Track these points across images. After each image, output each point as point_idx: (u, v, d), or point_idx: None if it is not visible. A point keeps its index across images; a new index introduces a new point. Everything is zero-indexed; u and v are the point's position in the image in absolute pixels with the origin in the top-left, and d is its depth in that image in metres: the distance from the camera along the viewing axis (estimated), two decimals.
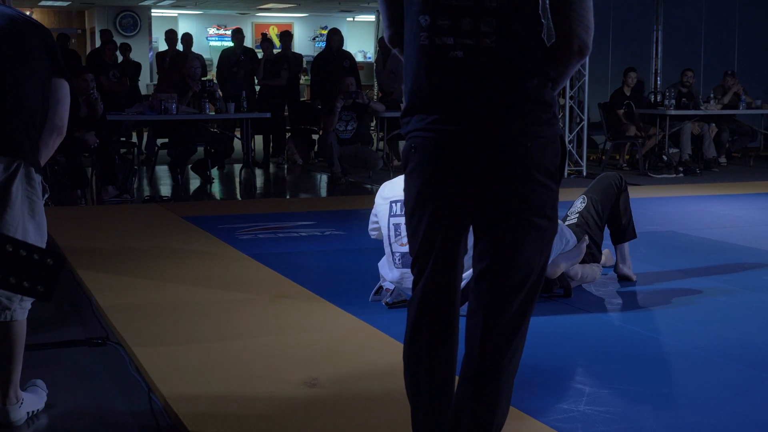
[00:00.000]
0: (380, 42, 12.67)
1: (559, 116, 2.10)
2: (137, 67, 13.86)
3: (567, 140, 10.57)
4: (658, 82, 13.76)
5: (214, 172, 10.52)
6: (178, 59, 11.68)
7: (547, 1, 2.15)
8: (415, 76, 2.20)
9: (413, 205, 2.26)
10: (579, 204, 4.83)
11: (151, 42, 18.61)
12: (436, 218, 2.23)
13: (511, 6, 2.10)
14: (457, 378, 2.34)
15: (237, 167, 11.00)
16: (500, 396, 2.26)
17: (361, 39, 21.39)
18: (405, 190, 2.30)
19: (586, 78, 10.51)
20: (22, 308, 2.91)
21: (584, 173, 10.46)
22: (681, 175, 10.68)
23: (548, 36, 2.19)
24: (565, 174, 9.41)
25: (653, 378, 3.48)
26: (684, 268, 5.35)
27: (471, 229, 2.29)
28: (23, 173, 2.80)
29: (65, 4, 18.17)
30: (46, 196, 2.90)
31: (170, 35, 13.04)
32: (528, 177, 2.15)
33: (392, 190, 4.33)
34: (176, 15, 20.46)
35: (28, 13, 12.97)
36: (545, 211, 2.19)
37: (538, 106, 2.15)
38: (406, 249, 3.97)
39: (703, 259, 5.58)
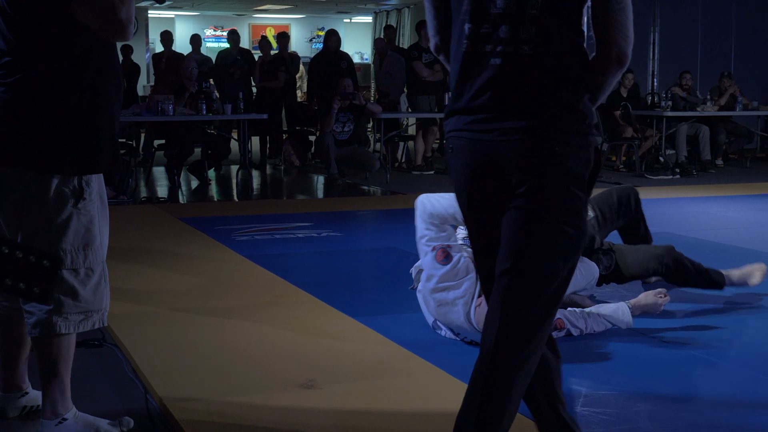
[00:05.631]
0: (376, 43, 12.68)
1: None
2: (136, 68, 13.88)
3: None
4: (655, 84, 13.78)
5: (211, 173, 10.53)
6: (175, 60, 11.69)
7: (589, 11, 2.17)
8: (457, 80, 2.26)
9: (457, 199, 2.37)
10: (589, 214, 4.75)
11: (147, 43, 18.60)
12: (471, 213, 2.33)
13: (551, 14, 2.12)
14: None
15: (234, 168, 11.00)
16: (510, 397, 2.25)
17: (358, 40, 21.41)
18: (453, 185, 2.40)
19: None
20: (66, 321, 2.75)
21: None
22: (677, 176, 10.70)
23: (591, 47, 2.22)
24: None
25: (650, 379, 3.48)
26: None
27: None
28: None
29: None
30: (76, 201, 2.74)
31: (166, 36, 13.04)
32: (556, 184, 2.17)
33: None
34: (173, 16, 20.47)
35: None
36: (572, 219, 2.21)
37: (571, 115, 2.17)
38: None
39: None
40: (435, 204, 3.89)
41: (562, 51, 2.15)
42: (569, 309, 3.97)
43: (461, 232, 4.27)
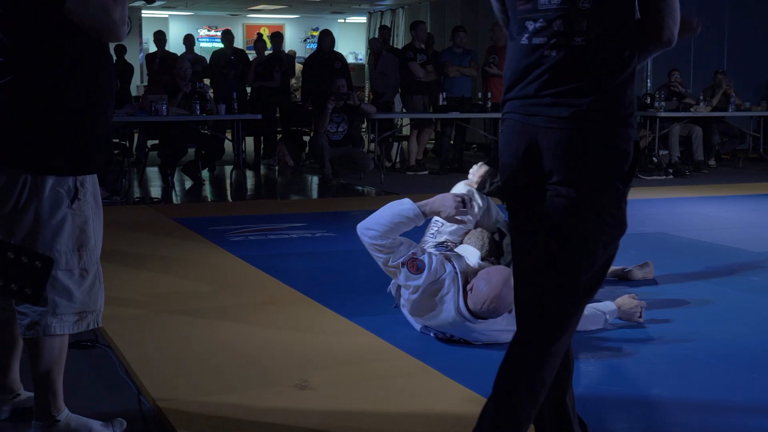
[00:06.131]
0: (371, 43, 12.68)
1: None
2: (129, 69, 13.86)
3: None
4: (648, 84, 13.79)
5: (205, 173, 10.52)
6: (169, 60, 11.68)
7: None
8: (513, 72, 2.38)
9: (500, 175, 2.48)
10: None
11: (141, 43, 18.57)
12: (511, 192, 2.43)
13: (603, 7, 2.23)
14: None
15: (228, 169, 10.99)
16: (545, 382, 2.32)
17: (352, 40, 21.41)
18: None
19: None
20: (60, 322, 2.74)
21: None
22: (671, 176, 10.71)
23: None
24: None
25: (642, 378, 3.49)
26: (673, 269, 5.36)
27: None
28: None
29: None
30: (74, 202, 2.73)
31: (159, 36, 13.03)
32: (595, 175, 2.26)
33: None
34: (167, 16, 20.44)
35: None
36: (611, 210, 2.29)
37: (614, 108, 2.26)
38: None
39: (693, 260, 5.60)
40: (369, 232, 3.81)
41: (614, 42, 2.25)
42: None
43: (434, 225, 4.28)
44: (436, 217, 4.20)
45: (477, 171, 4.50)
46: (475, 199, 4.32)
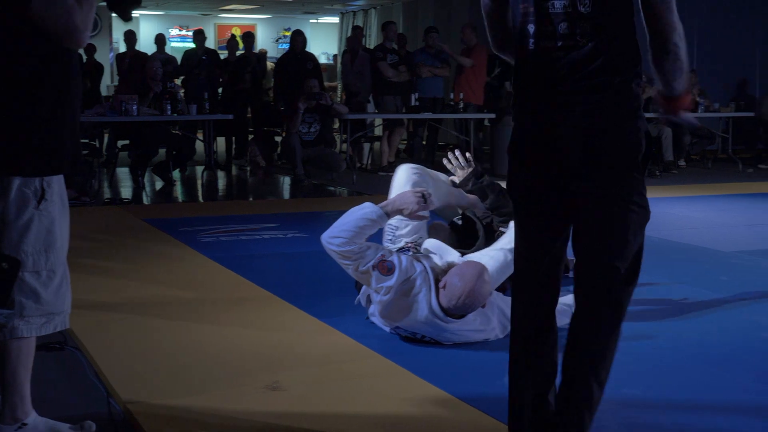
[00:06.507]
0: (348, 41, 12.64)
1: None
2: (100, 68, 13.76)
3: None
4: None
5: (176, 174, 10.46)
6: (139, 60, 11.60)
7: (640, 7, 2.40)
8: (522, 75, 2.50)
9: (517, 175, 2.57)
10: None
11: (111, 43, 18.44)
12: (522, 192, 2.55)
13: (602, 11, 2.36)
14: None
15: (199, 169, 10.93)
16: (605, 358, 2.50)
17: (324, 41, 21.38)
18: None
19: None
20: (28, 324, 2.71)
21: None
22: None
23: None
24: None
25: (612, 377, 3.50)
26: (643, 268, 5.37)
27: None
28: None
29: None
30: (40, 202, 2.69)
31: (129, 36, 12.96)
32: (612, 166, 2.40)
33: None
34: (137, 15, 20.30)
35: None
36: (632, 197, 2.43)
37: (624, 100, 2.38)
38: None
39: (662, 260, 5.63)
40: (335, 240, 3.77)
41: (615, 44, 2.37)
42: None
43: (388, 234, 4.22)
44: (388, 226, 4.17)
45: (462, 173, 4.53)
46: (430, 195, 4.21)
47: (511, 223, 4.09)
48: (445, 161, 4.62)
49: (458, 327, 3.77)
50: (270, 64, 15.52)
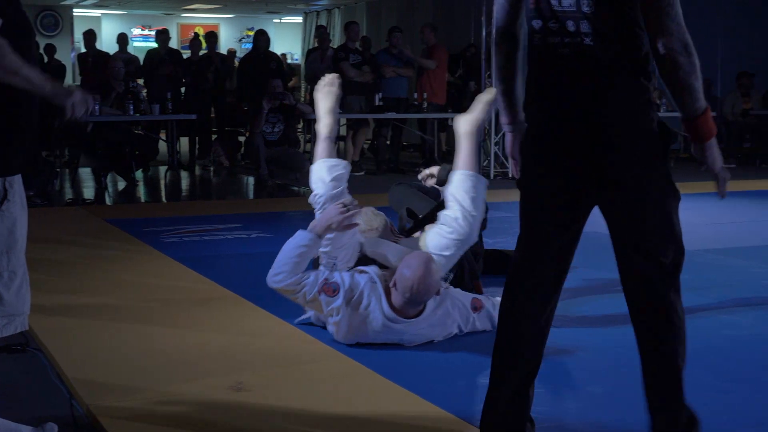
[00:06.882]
0: (320, 36, 12.57)
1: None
2: (61, 69, 13.63)
3: (494, 141, 10.68)
4: None
5: (139, 174, 10.38)
6: (101, 60, 11.52)
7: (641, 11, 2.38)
8: (532, 71, 2.54)
9: (527, 176, 2.63)
10: None
11: (73, 42, 18.26)
12: (535, 191, 2.62)
13: (605, 10, 2.38)
14: None
15: (162, 169, 10.88)
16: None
17: (288, 41, 21.31)
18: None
19: None
20: None
21: (510, 175, 10.57)
22: None
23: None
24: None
25: (580, 378, 3.53)
26: (603, 268, 5.41)
27: None
28: None
29: None
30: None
31: (88, 36, 12.85)
32: (632, 158, 2.46)
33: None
34: (99, 15, 20.13)
35: None
36: (660, 184, 2.54)
37: (634, 94, 2.42)
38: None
39: None
40: (278, 277, 3.75)
41: (617, 43, 2.39)
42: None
43: (324, 269, 4.12)
44: (323, 262, 4.10)
45: (435, 170, 4.72)
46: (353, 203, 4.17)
47: (445, 211, 4.11)
48: (420, 177, 4.89)
49: (415, 328, 3.77)
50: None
